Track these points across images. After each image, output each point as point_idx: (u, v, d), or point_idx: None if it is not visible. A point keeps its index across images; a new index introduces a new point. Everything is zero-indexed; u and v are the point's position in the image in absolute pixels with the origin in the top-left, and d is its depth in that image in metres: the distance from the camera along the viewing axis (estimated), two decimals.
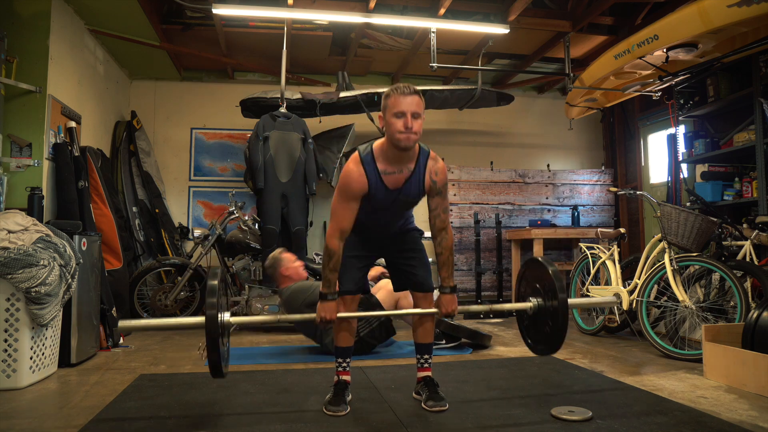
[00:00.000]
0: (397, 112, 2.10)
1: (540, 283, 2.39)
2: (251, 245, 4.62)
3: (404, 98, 2.11)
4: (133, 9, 4.21)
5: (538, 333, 2.42)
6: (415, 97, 2.12)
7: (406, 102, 2.10)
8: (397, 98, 2.12)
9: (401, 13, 4.73)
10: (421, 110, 2.13)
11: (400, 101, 2.11)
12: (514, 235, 5.74)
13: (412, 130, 2.10)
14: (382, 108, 2.19)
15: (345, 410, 2.22)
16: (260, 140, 4.60)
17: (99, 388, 2.65)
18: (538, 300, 2.39)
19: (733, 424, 2.04)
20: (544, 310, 2.35)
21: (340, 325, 2.36)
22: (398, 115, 2.10)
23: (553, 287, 2.27)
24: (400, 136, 2.10)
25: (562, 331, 2.27)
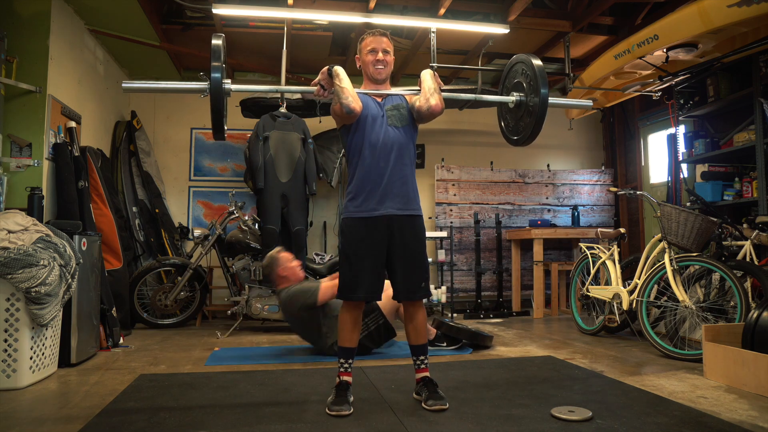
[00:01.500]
0: (370, 49, 2.41)
1: (525, 78, 2.48)
2: (251, 245, 4.62)
3: (375, 38, 2.42)
4: (133, 9, 4.22)
5: (517, 125, 2.57)
6: (384, 37, 2.43)
7: (377, 41, 2.42)
8: (370, 38, 2.43)
9: (401, 13, 4.73)
10: (390, 48, 2.44)
11: (372, 40, 2.42)
12: (514, 235, 5.74)
13: (383, 62, 2.40)
14: (358, 50, 2.48)
15: (348, 410, 2.22)
16: (260, 140, 4.60)
17: (99, 388, 2.65)
18: (520, 95, 2.50)
19: (733, 424, 2.04)
20: (525, 104, 2.47)
21: (345, 324, 2.36)
22: (371, 52, 2.41)
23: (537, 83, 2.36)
24: (373, 69, 2.40)
25: (539, 124, 2.40)
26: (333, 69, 2.32)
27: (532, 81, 2.41)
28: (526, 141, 2.52)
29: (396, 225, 2.33)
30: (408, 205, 2.36)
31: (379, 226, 2.31)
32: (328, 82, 2.34)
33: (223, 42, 2.21)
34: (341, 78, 2.31)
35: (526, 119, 2.48)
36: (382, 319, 3.44)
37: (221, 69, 2.15)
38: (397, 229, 2.33)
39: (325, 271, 4.77)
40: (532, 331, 4.44)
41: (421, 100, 2.37)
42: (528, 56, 2.46)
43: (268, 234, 4.50)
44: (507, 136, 2.70)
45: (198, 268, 4.67)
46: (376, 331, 3.43)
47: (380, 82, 2.44)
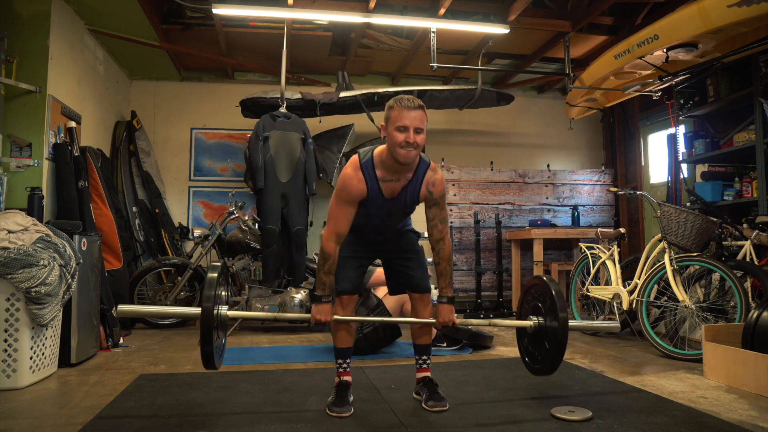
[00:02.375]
0: (400, 126, 2.09)
1: (542, 302, 2.35)
2: (251, 245, 4.62)
3: (408, 112, 2.10)
4: (133, 9, 4.21)
5: (537, 351, 2.39)
6: (419, 111, 2.11)
7: (410, 116, 2.09)
8: (401, 112, 2.10)
9: (401, 13, 4.73)
10: (423, 125, 2.13)
11: (404, 115, 2.10)
12: (514, 235, 5.74)
13: (413, 145, 2.10)
14: (385, 119, 2.18)
15: (349, 411, 2.22)
16: (260, 140, 4.59)
17: (99, 388, 2.65)
18: (539, 319, 2.35)
19: (733, 424, 2.04)
20: (544, 329, 2.31)
21: (339, 326, 2.36)
22: (401, 129, 2.09)
23: (555, 307, 2.24)
24: (400, 151, 2.10)
25: (561, 352, 2.24)
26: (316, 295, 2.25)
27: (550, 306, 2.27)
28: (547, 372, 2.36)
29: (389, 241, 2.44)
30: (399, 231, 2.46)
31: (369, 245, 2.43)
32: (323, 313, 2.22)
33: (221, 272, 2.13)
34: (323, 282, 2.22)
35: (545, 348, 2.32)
36: (388, 316, 3.44)
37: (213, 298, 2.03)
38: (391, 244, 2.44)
39: None
40: None
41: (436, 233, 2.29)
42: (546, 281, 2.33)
43: (268, 234, 4.50)
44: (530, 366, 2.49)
45: (198, 268, 4.66)
46: (382, 328, 3.44)
47: (406, 164, 2.16)
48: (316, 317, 2.21)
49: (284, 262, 4.63)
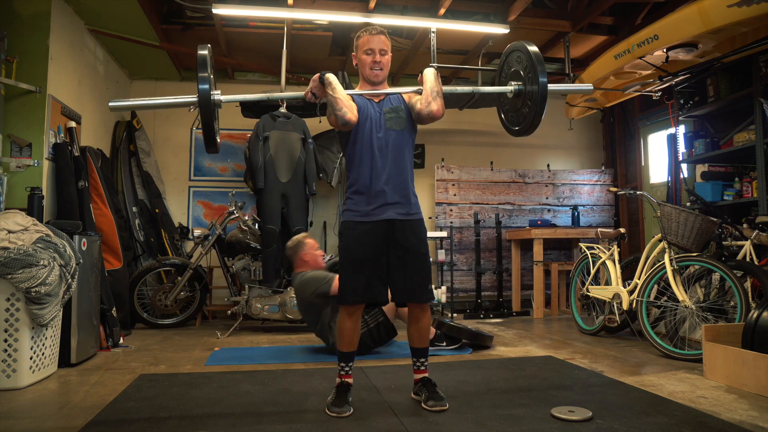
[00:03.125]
0: (367, 49, 2.34)
1: (522, 66, 2.42)
2: (251, 245, 4.62)
3: (372, 37, 2.34)
4: (133, 9, 4.22)
5: (517, 115, 2.50)
6: (382, 36, 2.36)
7: (374, 40, 2.34)
8: (366, 38, 2.35)
9: (401, 13, 4.73)
10: (387, 47, 2.37)
11: (369, 40, 2.34)
12: (514, 235, 5.74)
13: (380, 64, 2.34)
14: (354, 48, 2.41)
15: (348, 411, 2.22)
16: (260, 140, 4.60)
17: (99, 388, 2.65)
18: (518, 84, 2.42)
19: (733, 424, 2.04)
20: (524, 93, 2.39)
21: (343, 330, 2.35)
22: (368, 52, 2.34)
23: (535, 71, 2.29)
24: (370, 72, 2.34)
25: (539, 114, 2.32)
26: (324, 77, 2.26)
27: (529, 69, 2.33)
28: (528, 131, 2.43)
29: (396, 229, 2.30)
30: (408, 209, 2.33)
31: (378, 230, 2.28)
32: (320, 90, 2.29)
33: (210, 52, 2.15)
34: (334, 87, 2.24)
35: (525, 108, 2.40)
36: (382, 317, 3.44)
37: (209, 80, 2.07)
38: (398, 232, 2.30)
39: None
40: (532, 331, 4.44)
41: (422, 103, 2.29)
42: (524, 43, 2.38)
43: (268, 234, 4.50)
44: (508, 127, 2.62)
45: (198, 268, 4.67)
46: (376, 328, 3.43)
47: (377, 83, 2.37)
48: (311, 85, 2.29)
49: (284, 262, 4.63)
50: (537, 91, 2.28)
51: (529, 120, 2.37)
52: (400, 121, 2.35)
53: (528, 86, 2.36)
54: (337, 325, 2.38)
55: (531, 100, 2.34)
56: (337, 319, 2.39)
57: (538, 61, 2.29)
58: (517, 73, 2.44)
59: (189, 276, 4.60)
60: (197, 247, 4.87)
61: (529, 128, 2.42)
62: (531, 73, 2.32)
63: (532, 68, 2.31)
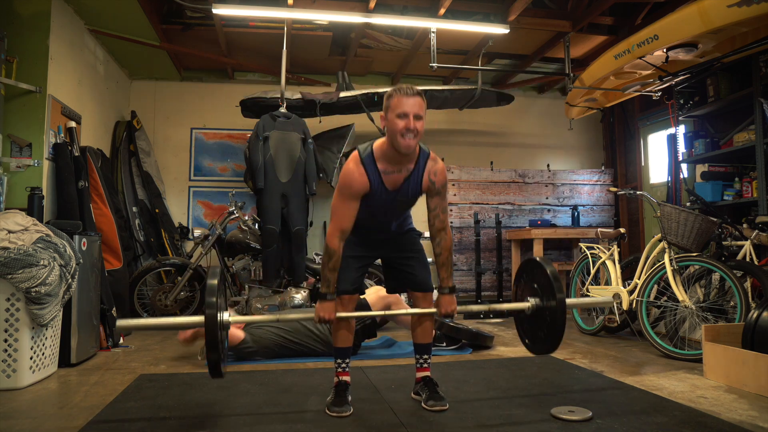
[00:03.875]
0: (400, 113, 2.11)
1: (538, 283, 2.36)
2: (251, 245, 4.62)
3: (407, 99, 2.11)
4: (133, 9, 4.21)
5: (536, 333, 2.39)
6: (417, 98, 2.13)
7: (409, 103, 2.11)
8: (399, 99, 2.12)
9: (401, 13, 4.73)
10: (423, 112, 2.14)
11: (402, 102, 2.11)
12: (514, 235, 5.74)
13: (413, 132, 2.11)
14: (384, 108, 2.19)
15: (348, 411, 2.22)
16: (260, 140, 4.60)
17: (99, 388, 2.65)
18: (536, 300, 2.35)
19: (733, 424, 2.04)
20: (542, 309, 2.31)
21: (339, 325, 2.36)
22: (401, 116, 2.11)
23: (551, 287, 2.24)
24: (401, 140, 2.11)
25: (560, 331, 2.24)
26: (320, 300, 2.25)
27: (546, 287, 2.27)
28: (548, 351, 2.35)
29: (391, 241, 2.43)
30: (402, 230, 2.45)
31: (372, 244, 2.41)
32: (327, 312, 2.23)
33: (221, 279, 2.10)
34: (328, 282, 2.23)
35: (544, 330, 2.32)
36: (369, 320, 3.40)
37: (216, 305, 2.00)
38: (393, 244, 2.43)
39: None
40: None
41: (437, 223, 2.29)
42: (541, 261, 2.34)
43: (268, 234, 4.50)
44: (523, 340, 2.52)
45: (198, 268, 4.67)
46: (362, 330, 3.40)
47: (406, 154, 2.16)
48: (320, 314, 2.21)
49: (284, 262, 4.63)
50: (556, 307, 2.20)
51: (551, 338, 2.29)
52: (410, 204, 2.38)
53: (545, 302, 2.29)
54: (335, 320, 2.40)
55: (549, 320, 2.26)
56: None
57: (554, 279, 2.23)
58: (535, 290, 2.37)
59: (189, 276, 4.60)
60: (197, 247, 4.87)
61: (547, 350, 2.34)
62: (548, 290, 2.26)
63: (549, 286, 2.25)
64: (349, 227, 2.23)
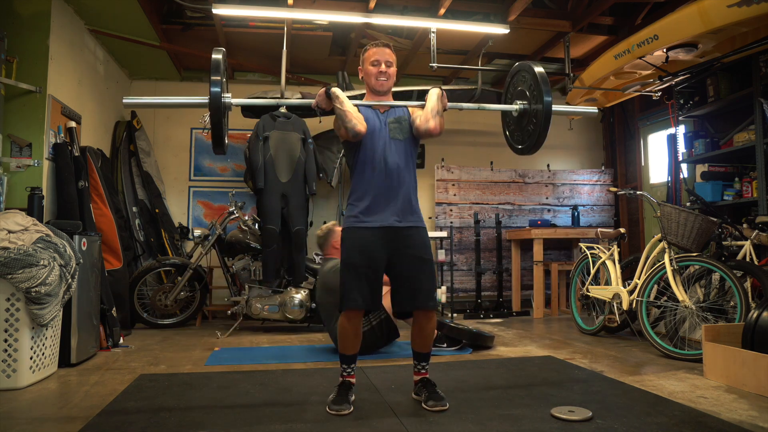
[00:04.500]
0: (373, 60, 2.41)
1: (527, 86, 2.46)
2: (251, 245, 4.62)
3: (378, 49, 2.43)
4: (133, 9, 4.22)
5: (522, 133, 2.55)
6: (387, 48, 2.44)
7: (381, 52, 2.42)
8: (372, 50, 2.43)
9: (401, 13, 4.73)
10: (393, 61, 2.44)
11: (375, 52, 2.42)
12: (514, 235, 5.74)
13: (386, 75, 2.40)
14: (361, 61, 2.48)
15: (348, 409, 2.23)
16: (260, 140, 4.60)
17: (99, 388, 2.65)
18: (523, 103, 2.48)
19: (733, 424, 2.04)
20: (529, 112, 2.45)
21: (345, 333, 2.35)
22: (374, 63, 2.41)
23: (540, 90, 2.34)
24: (376, 81, 2.41)
25: (543, 132, 2.39)
26: (331, 91, 2.34)
27: (534, 89, 2.40)
28: (531, 150, 2.50)
29: (399, 236, 2.32)
30: (410, 217, 2.36)
31: (380, 237, 2.31)
32: (326, 103, 2.36)
33: (224, 56, 2.25)
34: (342, 101, 2.32)
35: (530, 127, 2.46)
36: (384, 314, 3.43)
37: (221, 83, 2.16)
38: (401, 240, 2.32)
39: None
40: (532, 331, 4.44)
41: (421, 119, 2.37)
42: (530, 64, 2.45)
43: (268, 234, 4.50)
44: (512, 144, 2.67)
45: (198, 268, 4.67)
46: (378, 326, 3.43)
47: (382, 93, 2.44)
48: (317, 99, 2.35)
49: (284, 262, 4.63)
50: (541, 110, 2.34)
51: (534, 138, 2.44)
52: (403, 131, 2.40)
53: (533, 105, 2.42)
54: (338, 329, 2.38)
55: (536, 119, 2.40)
56: (338, 323, 2.40)
57: (543, 81, 2.35)
58: (523, 93, 2.49)
59: (189, 276, 4.60)
60: (197, 247, 4.87)
61: (533, 147, 2.48)
62: (536, 92, 2.38)
63: (536, 88, 2.37)
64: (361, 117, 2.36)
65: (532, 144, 2.47)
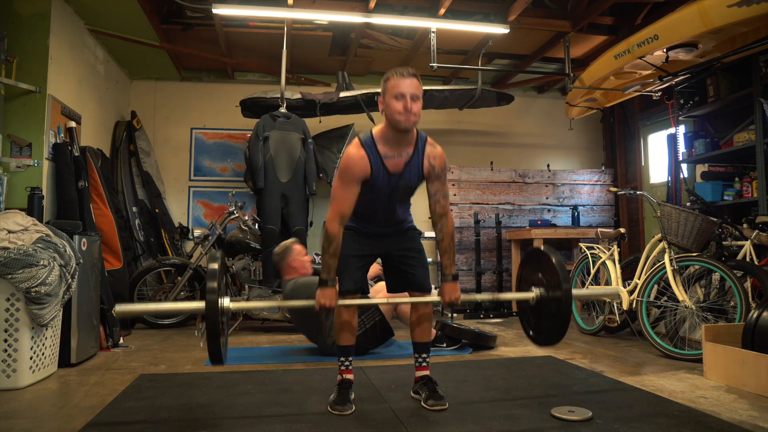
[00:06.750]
0: (397, 94, 2.13)
1: (543, 272, 2.32)
2: (251, 245, 4.62)
3: (404, 80, 2.14)
4: (133, 9, 4.21)
5: (540, 323, 2.35)
6: (414, 79, 2.15)
7: (406, 84, 2.13)
8: (396, 81, 2.15)
9: (401, 13, 4.73)
10: (419, 93, 2.16)
11: (399, 83, 2.13)
12: (514, 235, 5.74)
13: (411, 112, 2.12)
14: (382, 92, 2.21)
15: (350, 409, 2.23)
16: (260, 140, 4.60)
17: (99, 388, 2.65)
18: (540, 290, 2.31)
19: (733, 424, 2.04)
20: (547, 300, 2.27)
21: (342, 324, 2.37)
22: (398, 97, 2.13)
23: (557, 277, 2.20)
24: (399, 117, 2.12)
25: (565, 322, 2.20)
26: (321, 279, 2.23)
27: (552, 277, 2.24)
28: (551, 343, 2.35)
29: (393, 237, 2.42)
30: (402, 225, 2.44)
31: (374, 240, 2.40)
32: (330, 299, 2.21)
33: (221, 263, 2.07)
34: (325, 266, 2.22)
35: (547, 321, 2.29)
36: (379, 316, 3.43)
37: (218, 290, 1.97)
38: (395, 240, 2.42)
39: None
40: None
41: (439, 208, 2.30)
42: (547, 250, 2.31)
43: (268, 234, 4.50)
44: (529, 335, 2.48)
45: (198, 268, 4.67)
46: (372, 328, 3.42)
47: (405, 131, 2.18)
48: (321, 302, 2.17)
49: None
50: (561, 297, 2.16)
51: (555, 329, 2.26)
52: (410, 194, 2.38)
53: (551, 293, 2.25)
54: (335, 319, 2.40)
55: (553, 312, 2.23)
56: (334, 313, 2.41)
57: (560, 268, 2.20)
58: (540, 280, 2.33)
59: (189, 276, 4.60)
60: (197, 247, 4.87)
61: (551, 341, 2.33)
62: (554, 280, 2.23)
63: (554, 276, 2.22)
64: (348, 212, 2.22)
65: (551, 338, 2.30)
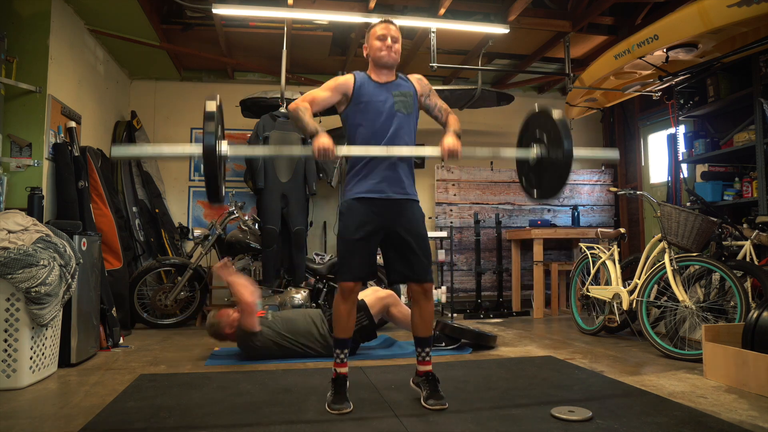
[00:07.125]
0: (379, 35, 2.40)
1: (544, 131, 2.35)
2: (251, 245, 4.62)
3: (385, 25, 2.42)
4: (133, 9, 4.22)
5: (540, 180, 2.43)
6: (393, 25, 2.43)
7: (386, 28, 2.42)
8: (378, 26, 2.43)
9: (401, 13, 4.73)
10: (398, 36, 2.43)
11: (381, 27, 2.42)
12: (514, 235, 5.74)
13: (392, 49, 2.38)
14: (366, 39, 2.47)
15: (349, 408, 2.23)
16: (260, 140, 4.60)
17: (99, 388, 2.65)
18: (540, 147, 2.36)
19: (733, 424, 2.04)
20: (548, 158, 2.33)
21: (339, 315, 2.35)
22: (380, 38, 2.39)
23: (559, 135, 2.25)
24: (382, 53, 2.37)
25: (564, 177, 2.30)
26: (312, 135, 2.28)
27: (553, 134, 2.30)
28: (549, 196, 2.41)
29: (396, 209, 2.34)
30: (407, 190, 2.38)
31: (377, 209, 2.31)
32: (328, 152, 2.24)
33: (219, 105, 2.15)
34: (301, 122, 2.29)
35: (548, 175, 2.35)
36: (366, 321, 3.37)
37: (215, 135, 2.06)
38: (397, 214, 2.34)
39: (325, 271, 4.77)
40: (532, 331, 4.44)
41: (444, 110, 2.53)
42: (547, 109, 2.38)
43: (268, 234, 4.50)
44: (527, 189, 2.56)
45: (198, 268, 4.67)
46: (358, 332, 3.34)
47: (387, 66, 2.41)
48: (319, 146, 2.19)
49: (284, 262, 4.63)
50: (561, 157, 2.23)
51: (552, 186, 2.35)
52: (407, 106, 2.40)
53: (552, 152, 2.31)
54: (333, 310, 2.38)
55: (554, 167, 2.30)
56: (333, 304, 2.40)
57: (563, 127, 2.26)
58: (540, 138, 2.39)
59: (189, 276, 4.60)
60: (197, 247, 4.87)
61: (550, 195, 2.40)
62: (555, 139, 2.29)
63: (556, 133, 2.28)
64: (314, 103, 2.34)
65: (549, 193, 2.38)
